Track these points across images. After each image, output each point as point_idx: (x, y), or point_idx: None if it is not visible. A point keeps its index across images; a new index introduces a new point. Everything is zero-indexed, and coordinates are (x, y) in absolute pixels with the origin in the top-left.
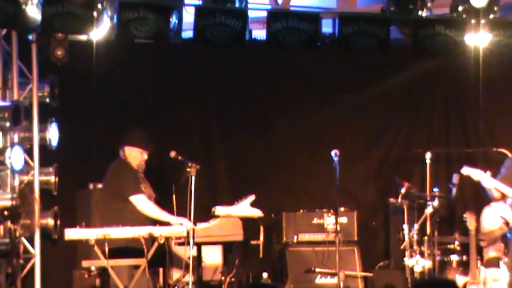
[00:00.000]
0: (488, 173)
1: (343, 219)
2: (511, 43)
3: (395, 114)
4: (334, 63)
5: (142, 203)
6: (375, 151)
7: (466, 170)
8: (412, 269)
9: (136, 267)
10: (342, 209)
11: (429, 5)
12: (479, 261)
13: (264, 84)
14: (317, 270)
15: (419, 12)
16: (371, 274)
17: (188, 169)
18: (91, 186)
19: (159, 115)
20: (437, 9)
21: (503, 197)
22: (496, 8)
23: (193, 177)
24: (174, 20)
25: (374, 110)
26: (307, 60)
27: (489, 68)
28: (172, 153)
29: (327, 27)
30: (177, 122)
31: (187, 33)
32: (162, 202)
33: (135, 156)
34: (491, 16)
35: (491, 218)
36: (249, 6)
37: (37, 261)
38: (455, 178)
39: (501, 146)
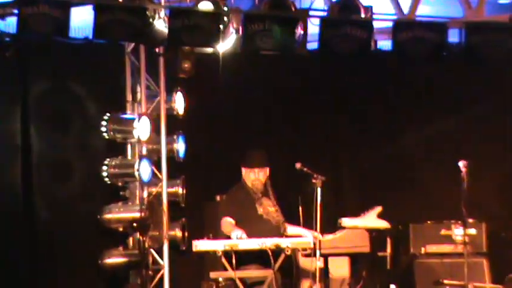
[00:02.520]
0: None
1: (472, 231)
2: None
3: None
4: (461, 72)
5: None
6: (508, 161)
7: None
8: None
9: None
10: (470, 220)
11: None
12: None
13: (388, 95)
14: (445, 282)
15: None
16: (501, 286)
17: (314, 180)
18: (218, 197)
19: (285, 126)
20: None
21: None
22: None
23: (319, 189)
24: (299, 31)
25: (505, 119)
26: (433, 70)
27: None
28: (298, 165)
29: (453, 36)
30: (303, 132)
31: (312, 45)
32: (289, 214)
33: (247, 175)
34: None
35: None
36: (374, 16)
37: (166, 272)
38: None
39: None
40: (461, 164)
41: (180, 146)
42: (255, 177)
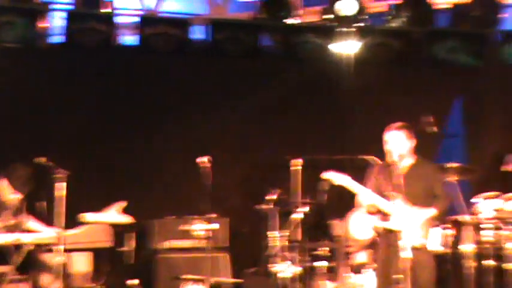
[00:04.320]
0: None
1: (215, 226)
2: (379, 50)
3: (267, 121)
4: (207, 69)
5: None
6: (246, 157)
7: (327, 175)
8: (278, 275)
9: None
10: (213, 215)
11: (300, 12)
12: (346, 268)
13: (135, 90)
14: (185, 277)
15: (290, 20)
16: (241, 280)
17: (56, 175)
18: None
19: (33, 120)
20: (307, 17)
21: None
22: (362, 17)
23: (62, 184)
24: (43, 24)
25: (246, 117)
26: (180, 66)
27: (356, 74)
28: (40, 159)
29: (200, 33)
30: (50, 127)
31: (57, 38)
32: (31, 208)
33: None
34: (360, 24)
35: (359, 224)
36: (119, 11)
37: None
38: (324, 184)
39: (368, 153)
40: (204, 159)
41: None
42: None
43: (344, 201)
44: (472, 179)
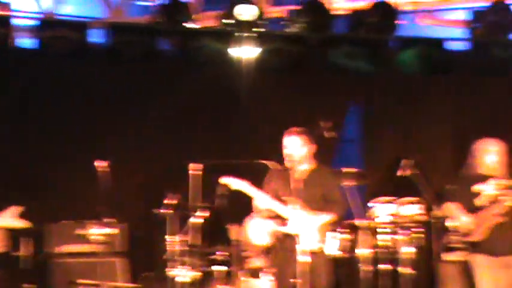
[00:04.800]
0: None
1: (111, 230)
2: (278, 56)
3: (166, 125)
4: (105, 73)
5: None
6: (145, 162)
7: (224, 180)
8: (175, 280)
9: None
10: (110, 219)
11: (199, 16)
12: (242, 272)
13: (33, 92)
14: (80, 281)
15: (189, 24)
16: (139, 285)
17: None
18: None
19: None
20: (206, 21)
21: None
22: (261, 22)
23: None
24: None
25: (145, 121)
26: (78, 69)
27: (255, 79)
28: None
29: (98, 36)
30: None
31: None
32: None
33: None
34: (257, 29)
35: (257, 229)
36: (16, 14)
37: None
38: (219, 189)
39: (265, 158)
40: (101, 164)
41: None
42: None
43: (242, 206)
44: (368, 184)
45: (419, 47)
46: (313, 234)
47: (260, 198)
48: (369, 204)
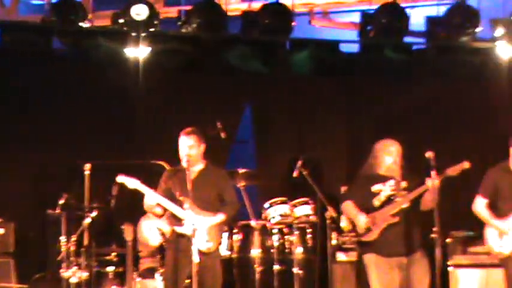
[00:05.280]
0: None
1: None
2: (171, 56)
3: (60, 124)
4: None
5: None
6: (35, 161)
7: (120, 178)
8: (68, 281)
9: None
10: None
11: (90, 16)
12: (135, 273)
13: None
14: None
15: (82, 23)
16: (27, 286)
17: None
18: None
19: None
20: (99, 21)
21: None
22: (155, 22)
23: None
24: None
25: (39, 120)
26: None
27: (150, 79)
28: None
29: None
30: None
31: None
32: None
33: None
34: (151, 29)
35: (149, 229)
36: None
37: None
38: (114, 189)
39: (159, 158)
40: None
41: None
42: None
43: (137, 207)
44: (260, 185)
45: (312, 49)
46: (205, 234)
47: (153, 198)
48: (262, 205)
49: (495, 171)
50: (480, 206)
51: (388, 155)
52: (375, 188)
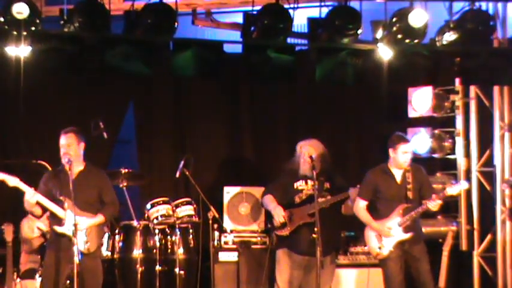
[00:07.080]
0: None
1: None
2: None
3: None
4: None
5: None
6: None
7: (1, 176)
8: None
9: None
10: None
11: None
12: (15, 273)
13: None
14: None
15: None
16: None
17: None
18: None
19: None
20: None
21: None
22: (37, 21)
23: None
24: None
25: None
26: None
27: (32, 78)
28: None
29: None
30: None
31: None
32: None
33: None
34: (32, 28)
35: (30, 229)
36: None
37: None
38: None
39: (40, 158)
40: None
41: None
42: None
43: (17, 206)
44: (142, 185)
45: (196, 49)
46: (85, 235)
47: (35, 197)
48: (143, 206)
49: (375, 173)
50: (360, 208)
51: (311, 154)
52: (297, 184)
